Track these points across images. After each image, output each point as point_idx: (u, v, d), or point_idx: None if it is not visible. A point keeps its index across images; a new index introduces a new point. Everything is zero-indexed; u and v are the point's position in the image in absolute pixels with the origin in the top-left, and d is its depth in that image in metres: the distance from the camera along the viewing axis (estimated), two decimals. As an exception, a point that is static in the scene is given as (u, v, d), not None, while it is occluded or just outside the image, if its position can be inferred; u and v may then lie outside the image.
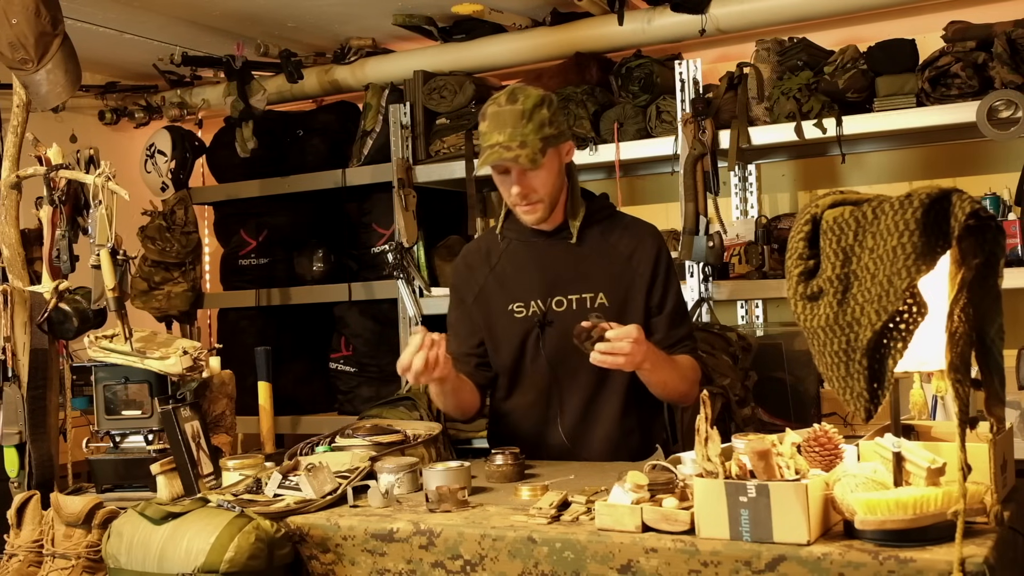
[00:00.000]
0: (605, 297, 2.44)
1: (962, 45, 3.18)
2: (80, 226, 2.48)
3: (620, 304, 2.44)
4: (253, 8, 3.88)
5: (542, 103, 2.37)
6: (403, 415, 3.29)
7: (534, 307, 2.47)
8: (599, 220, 2.51)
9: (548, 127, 2.36)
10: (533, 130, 2.33)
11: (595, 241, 2.49)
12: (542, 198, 2.41)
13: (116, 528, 1.97)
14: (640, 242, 2.49)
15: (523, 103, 2.35)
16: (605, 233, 2.50)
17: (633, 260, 2.47)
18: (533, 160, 2.32)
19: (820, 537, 1.59)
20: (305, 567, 1.92)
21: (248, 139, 4.12)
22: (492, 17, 3.93)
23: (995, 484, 1.59)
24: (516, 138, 2.33)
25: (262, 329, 4.49)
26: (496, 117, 2.36)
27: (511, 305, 2.49)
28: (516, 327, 2.48)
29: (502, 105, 2.36)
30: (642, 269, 2.46)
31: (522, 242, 2.52)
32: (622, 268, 2.47)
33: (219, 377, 2.57)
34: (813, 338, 1.62)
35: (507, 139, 2.33)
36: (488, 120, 2.38)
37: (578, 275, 2.46)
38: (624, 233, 2.50)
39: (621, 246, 2.48)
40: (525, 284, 2.49)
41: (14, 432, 2.44)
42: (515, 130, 2.33)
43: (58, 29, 2.54)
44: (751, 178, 3.95)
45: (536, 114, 2.34)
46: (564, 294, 2.46)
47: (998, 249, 1.52)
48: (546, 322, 2.45)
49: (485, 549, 1.77)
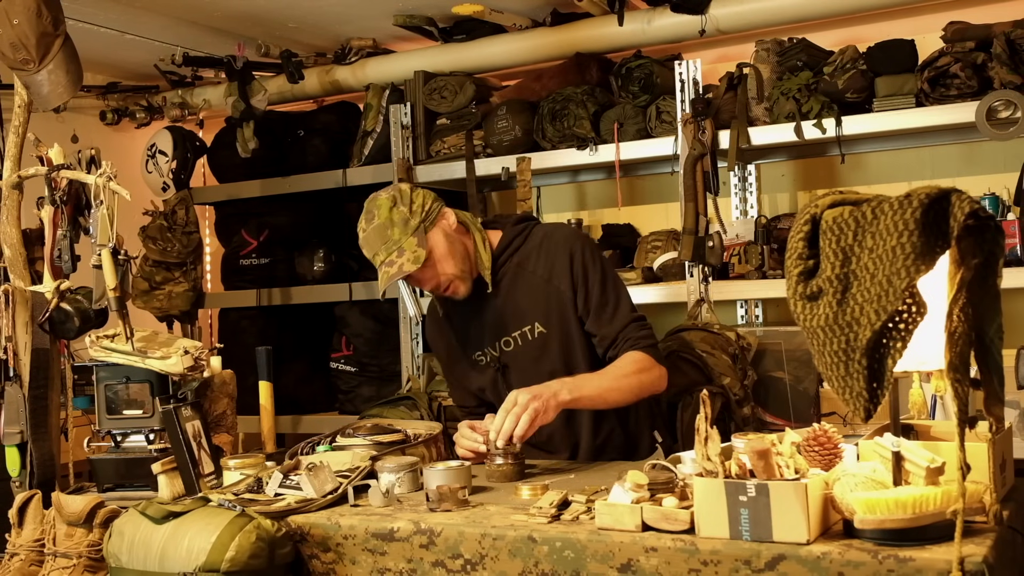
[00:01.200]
0: (540, 325, 2.48)
1: (961, 45, 3.18)
2: (81, 226, 2.49)
3: (556, 327, 2.48)
4: (254, 9, 3.89)
5: (394, 203, 2.38)
6: (404, 414, 3.30)
7: (490, 354, 2.54)
8: (514, 251, 2.52)
9: (412, 219, 2.37)
10: (400, 233, 2.36)
11: (513, 276, 2.51)
12: (454, 276, 2.43)
13: (117, 527, 1.97)
14: (554, 258, 2.49)
15: (379, 216, 2.37)
16: (522, 263, 2.52)
17: (553, 280, 2.48)
18: (416, 260, 2.34)
19: (819, 536, 1.59)
20: (306, 566, 1.92)
21: (249, 139, 4.12)
22: (492, 18, 3.94)
23: (994, 483, 1.59)
24: (392, 250, 2.35)
25: (263, 329, 4.50)
26: (366, 243, 2.40)
27: (473, 355, 2.57)
28: (482, 373, 2.57)
29: (365, 230, 2.39)
30: (563, 286, 2.47)
31: (453, 303, 2.56)
32: (545, 292, 2.49)
33: (220, 377, 2.58)
34: (813, 338, 1.63)
35: (385, 255, 2.35)
36: (363, 248, 2.41)
37: (510, 314, 2.50)
38: (539, 255, 2.51)
39: (539, 270, 2.50)
40: (474, 335, 2.56)
41: (15, 432, 2.44)
42: (386, 244, 2.35)
43: (59, 29, 2.55)
44: (751, 178, 3.95)
45: (394, 216, 2.36)
46: (508, 334, 2.51)
47: (997, 249, 1.52)
48: (502, 364, 2.52)
49: (485, 548, 1.78)
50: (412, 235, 2.36)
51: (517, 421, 2.18)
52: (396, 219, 2.36)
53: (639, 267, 3.74)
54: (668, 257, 3.72)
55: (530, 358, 2.50)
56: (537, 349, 2.49)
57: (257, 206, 4.55)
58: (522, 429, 2.17)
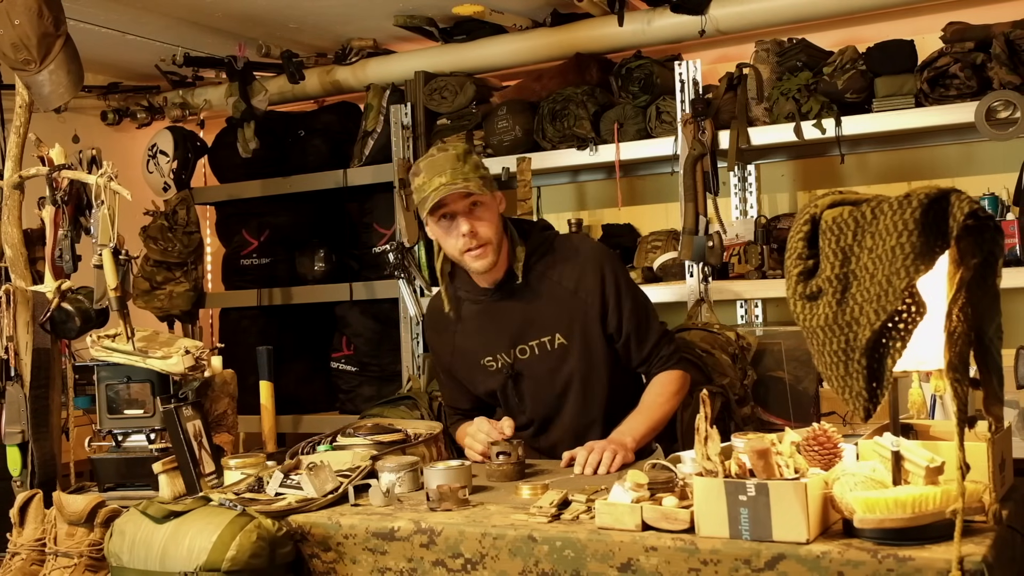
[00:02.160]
0: (562, 336, 2.46)
1: (961, 46, 3.18)
2: (82, 226, 2.49)
3: (579, 340, 2.46)
4: (255, 9, 3.89)
5: (470, 152, 2.41)
6: (404, 414, 3.30)
7: (502, 359, 2.51)
8: (540, 256, 2.50)
9: (483, 169, 2.40)
10: (471, 170, 2.36)
11: (538, 281, 2.48)
12: (489, 239, 2.40)
13: (118, 527, 1.97)
14: (582, 272, 2.48)
15: (454, 149, 2.38)
16: (547, 270, 2.49)
17: (580, 293, 2.47)
18: (482, 189, 2.34)
19: (819, 536, 1.60)
20: (307, 565, 1.93)
21: (250, 139, 4.12)
22: (493, 18, 3.94)
23: (993, 483, 1.60)
24: (458, 177, 2.33)
25: (264, 328, 4.50)
26: (432, 164, 2.36)
27: (483, 360, 2.54)
28: (491, 379, 2.55)
29: (434, 155, 2.38)
30: (591, 300, 2.46)
31: (472, 302, 2.53)
32: (571, 304, 2.47)
33: (221, 376, 2.58)
34: (812, 337, 1.63)
35: (449, 179, 2.33)
36: (424, 171, 2.37)
37: (531, 321, 2.48)
38: (565, 266, 2.49)
39: (565, 280, 2.48)
40: (489, 339, 2.52)
41: (16, 431, 2.45)
42: (455, 170, 2.34)
43: (60, 30, 2.55)
44: (750, 178, 3.96)
45: (468, 158, 2.38)
46: (525, 342, 2.49)
47: (996, 249, 1.52)
48: (515, 372, 2.50)
49: (486, 548, 1.78)
50: (480, 179, 2.36)
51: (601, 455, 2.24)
52: (470, 161, 2.38)
53: (639, 267, 3.75)
54: (668, 257, 3.72)
55: (546, 368, 2.48)
56: (556, 360, 2.47)
57: (258, 206, 4.56)
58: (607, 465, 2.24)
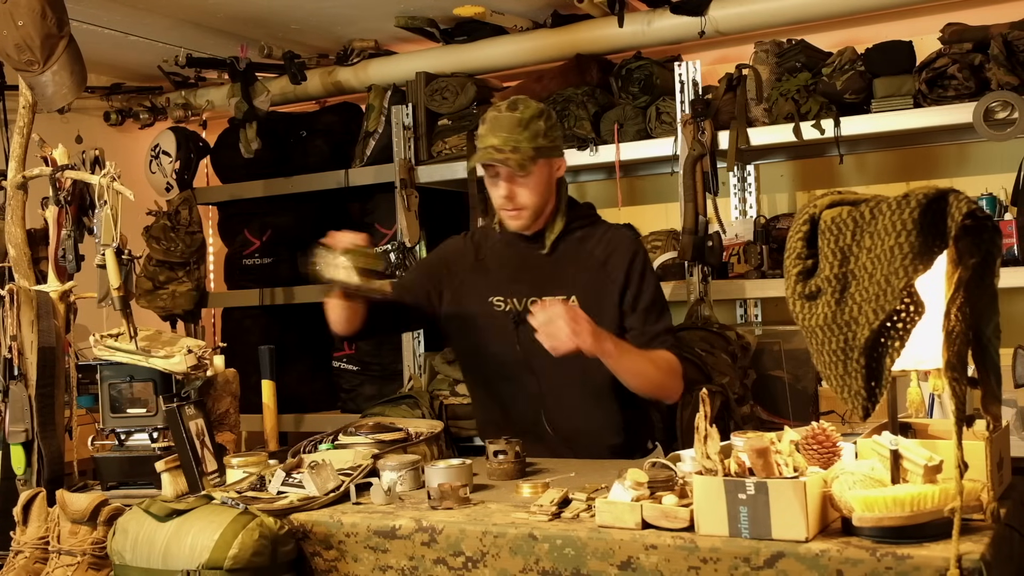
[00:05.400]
0: (577, 300, 2.48)
1: (959, 47, 3.19)
2: (86, 226, 2.50)
3: (591, 306, 2.46)
4: (257, 10, 3.90)
5: (540, 115, 2.45)
6: (405, 413, 3.31)
7: (511, 303, 2.53)
8: (579, 227, 2.56)
9: (542, 138, 2.44)
10: (528, 138, 2.41)
11: (571, 248, 2.54)
12: (526, 205, 2.47)
13: (121, 525, 1.98)
14: (615, 249, 2.53)
15: (522, 112, 2.44)
16: (583, 240, 2.55)
17: (608, 266, 2.51)
18: (522, 165, 2.40)
19: (818, 534, 1.61)
20: (308, 564, 1.94)
21: (252, 140, 4.13)
22: (493, 19, 3.95)
23: (991, 481, 1.60)
24: (509, 143, 2.41)
25: (266, 328, 4.51)
26: (495, 121, 2.44)
27: (491, 297, 2.56)
28: (493, 318, 2.55)
29: (502, 111, 2.45)
30: (616, 275, 2.50)
31: (506, 242, 2.59)
32: (596, 273, 2.51)
33: (223, 376, 2.59)
34: (811, 337, 1.64)
35: (501, 143, 2.41)
36: (487, 124, 2.46)
37: (552, 278, 2.52)
38: (601, 240, 2.55)
39: (597, 252, 2.53)
40: (505, 280, 2.56)
41: (20, 430, 2.46)
42: (510, 135, 2.41)
43: (64, 31, 2.56)
44: (750, 178, 3.96)
45: (532, 124, 2.42)
46: (539, 294, 2.50)
47: (994, 249, 1.53)
48: (521, 319, 2.49)
49: (487, 546, 1.79)
50: (533, 149, 2.41)
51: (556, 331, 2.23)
52: (532, 127, 2.42)
53: (639, 267, 3.75)
54: (668, 257, 3.73)
55: None
56: None
57: (260, 206, 4.56)
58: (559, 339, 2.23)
